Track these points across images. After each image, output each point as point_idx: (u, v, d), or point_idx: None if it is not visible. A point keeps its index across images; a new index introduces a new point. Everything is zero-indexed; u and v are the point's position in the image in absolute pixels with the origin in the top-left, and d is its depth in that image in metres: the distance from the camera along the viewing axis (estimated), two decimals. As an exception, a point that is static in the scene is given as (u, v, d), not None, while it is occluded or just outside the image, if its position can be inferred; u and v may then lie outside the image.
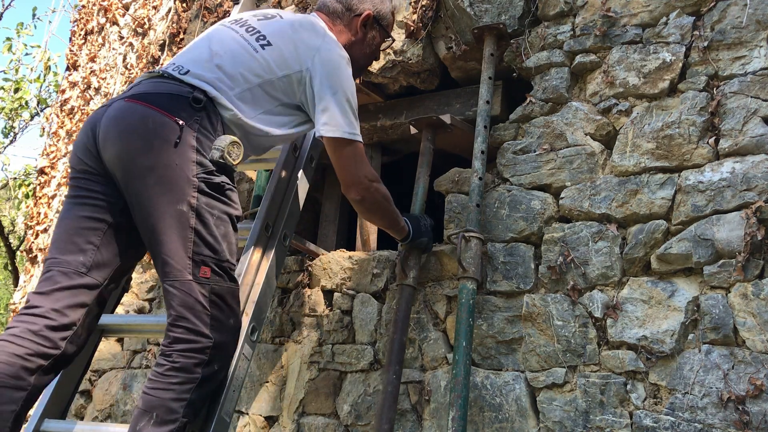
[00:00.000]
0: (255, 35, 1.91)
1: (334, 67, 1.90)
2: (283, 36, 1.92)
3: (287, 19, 2.01)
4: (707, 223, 2.01)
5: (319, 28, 1.99)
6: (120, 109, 1.71)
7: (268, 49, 1.87)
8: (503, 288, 2.32)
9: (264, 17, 2.00)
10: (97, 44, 4.72)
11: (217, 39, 1.91)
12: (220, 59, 1.83)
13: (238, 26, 1.96)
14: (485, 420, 2.22)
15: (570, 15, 2.49)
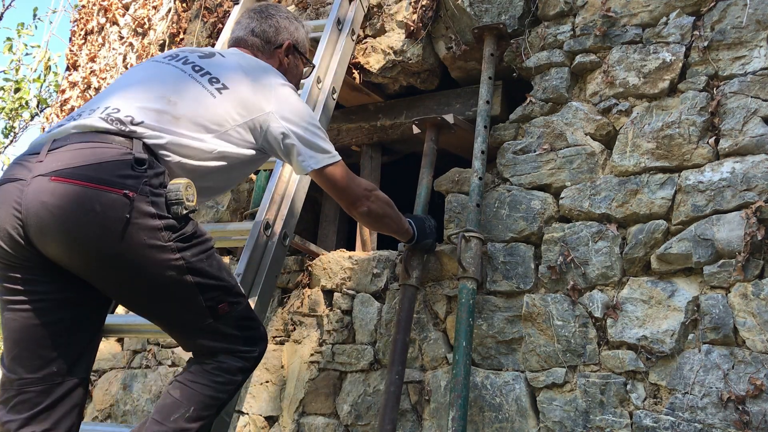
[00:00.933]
0: (206, 76, 1.71)
1: (291, 100, 1.78)
2: (237, 77, 1.73)
3: (231, 57, 1.83)
4: (707, 223, 2.01)
5: (264, 65, 1.86)
6: (51, 194, 1.40)
7: (225, 93, 1.68)
8: (503, 288, 2.32)
9: (204, 55, 1.80)
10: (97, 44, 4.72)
11: (168, 81, 1.68)
12: (176, 108, 1.61)
13: (182, 64, 1.74)
14: (485, 420, 2.22)
15: (570, 15, 2.49)
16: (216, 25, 3.73)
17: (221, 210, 3.39)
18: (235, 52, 1.90)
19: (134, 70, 1.81)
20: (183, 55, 1.78)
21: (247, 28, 1.97)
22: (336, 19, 2.67)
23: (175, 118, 1.60)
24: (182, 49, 1.83)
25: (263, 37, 1.97)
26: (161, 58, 1.79)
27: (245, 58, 1.86)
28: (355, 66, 2.99)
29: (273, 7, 2.04)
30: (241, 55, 1.87)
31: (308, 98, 2.41)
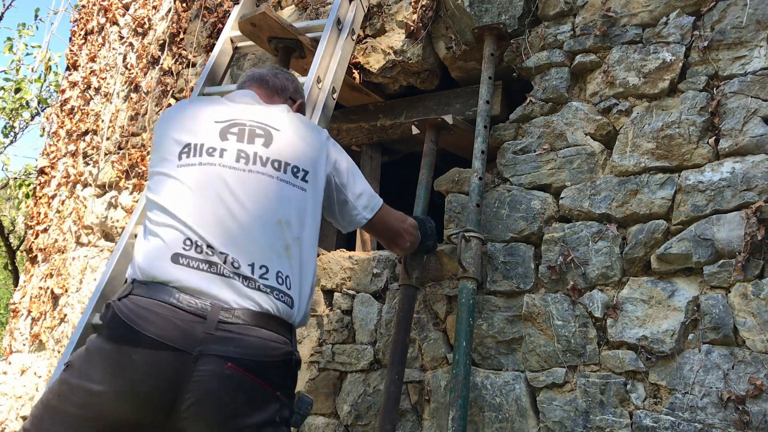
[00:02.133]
0: (292, 171, 1.60)
1: (337, 150, 1.77)
2: (306, 156, 1.65)
3: (283, 125, 1.68)
4: (707, 223, 2.01)
5: (307, 121, 1.78)
6: (225, 380, 1.38)
7: (310, 184, 1.63)
8: (503, 288, 2.32)
9: (262, 132, 1.64)
10: (97, 44, 4.73)
11: (274, 201, 1.55)
12: (297, 249, 1.55)
13: (263, 166, 1.58)
14: (485, 420, 2.22)
15: (570, 15, 2.49)
16: (216, 25, 3.74)
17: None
18: (285, 114, 1.74)
19: (230, 180, 1.55)
20: (256, 153, 1.59)
21: (270, 69, 1.95)
22: (336, 19, 2.67)
23: (302, 269, 1.56)
24: (234, 126, 1.63)
25: (291, 87, 1.95)
26: (234, 162, 1.56)
27: (299, 124, 1.73)
28: (355, 66, 2.99)
29: (282, 70, 2.02)
30: (296, 121, 1.73)
31: (308, 98, 2.41)
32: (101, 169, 4.19)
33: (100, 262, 3.97)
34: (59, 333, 4.05)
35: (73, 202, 4.35)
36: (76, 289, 4.04)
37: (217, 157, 1.57)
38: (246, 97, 1.77)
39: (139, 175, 3.90)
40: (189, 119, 1.66)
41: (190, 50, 3.85)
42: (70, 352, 2.02)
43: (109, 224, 3.97)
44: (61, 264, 4.22)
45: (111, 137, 4.22)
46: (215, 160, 1.56)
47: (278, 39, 2.77)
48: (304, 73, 2.89)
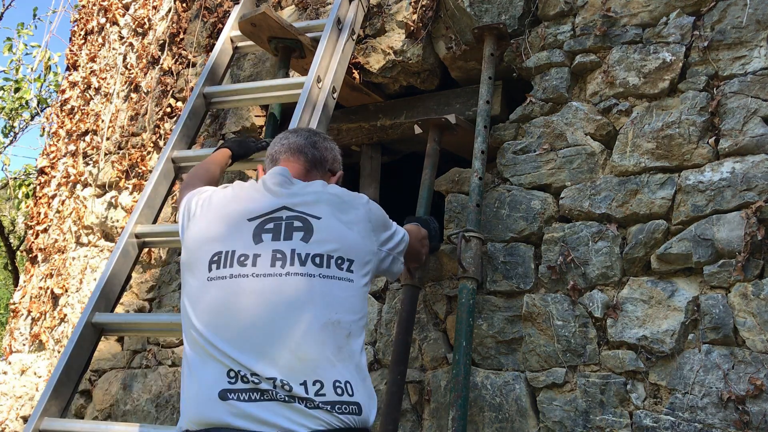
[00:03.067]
0: (336, 263, 1.49)
1: (376, 215, 1.65)
2: (349, 242, 1.53)
3: (323, 211, 1.55)
4: (707, 223, 2.01)
5: (347, 196, 1.63)
6: None
7: (357, 272, 1.52)
8: (503, 288, 2.32)
9: (301, 225, 1.52)
10: (97, 44, 4.72)
11: (326, 300, 1.45)
12: (350, 345, 1.44)
13: (302, 265, 1.46)
14: (485, 420, 2.22)
15: (570, 15, 2.49)
16: (216, 25, 3.74)
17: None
18: (319, 188, 1.63)
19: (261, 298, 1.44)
20: (286, 250, 1.47)
21: (308, 138, 1.77)
22: (336, 18, 2.67)
23: (359, 364, 1.45)
24: (269, 222, 1.52)
25: (325, 156, 1.78)
26: (268, 268, 1.45)
27: (341, 204, 1.59)
28: (355, 66, 2.99)
29: (316, 132, 1.85)
30: (336, 202, 1.59)
31: (308, 98, 2.41)
32: (101, 169, 4.19)
33: (100, 262, 3.97)
34: (59, 333, 4.05)
35: (73, 202, 4.35)
36: (76, 289, 4.04)
37: (249, 267, 1.45)
38: (281, 178, 1.61)
39: (139, 175, 3.90)
40: (219, 220, 1.55)
41: (190, 50, 3.85)
42: (69, 352, 2.02)
43: (109, 224, 3.97)
44: (61, 264, 4.22)
45: (111, 137, 4.22)
46: (247, 270, 1.44)
47: (278, 39, 2.77)
48: (304, 73, 2.90)
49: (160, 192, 2.45)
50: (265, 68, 3.40)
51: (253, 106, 3.41)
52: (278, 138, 1.78)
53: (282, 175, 1.62)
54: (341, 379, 1.37)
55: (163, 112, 3.86)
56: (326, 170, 1.75)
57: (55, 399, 1.96)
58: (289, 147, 1.72)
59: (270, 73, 3.34)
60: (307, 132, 1.79)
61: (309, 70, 2.52)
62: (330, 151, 1.78)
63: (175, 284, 3.40)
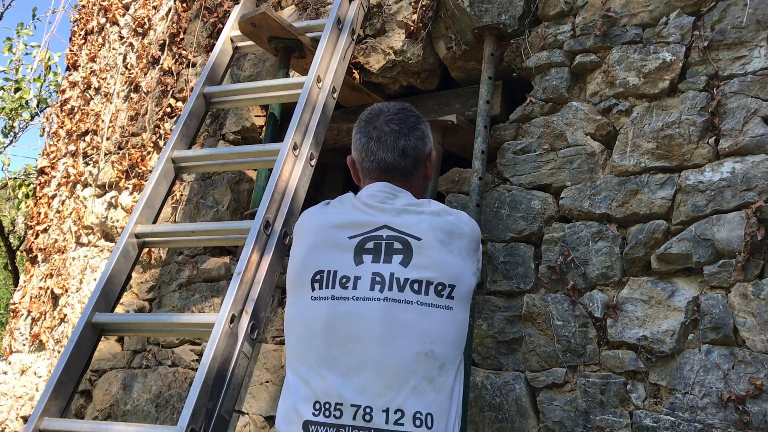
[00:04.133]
0: (435, 290, 1.43)
1: (479, 234, 1.58)
2: (450, 267, 1.46)
3: (424, 231, 1.48)
4: (707, 223, 2.01)
5: (448, 215, 1.54)
6: None
7: (457, 299, 1.45)
8: (503, 288, 2.32)
9: (401, 246, 1.46)
10: (97, 44, 4.72)
11: (422, 329, 1.41)
12: (444, 377, 1.41)
13: (400, 291, 1.42)
14: (485, 420, 2.22)
15: (570, 15, 2.49)
16: (216, 25, 3.74)
17: (221, 210, 3.39)
18: (422, 206, 1.54)
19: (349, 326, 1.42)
20: (385, 274, 1.43)
21: (395, 148, 1.58)
22: (336, 18, 2.67)
23: (452, 398, 1.41)
24: (370, 241, 1.47)
25: (417, 155, 1.62)
26: (368, 291, 1.42)
27: (441, 222, 1.51)
28: (355, 66, 2.99)
29: (410, 110, 1.66)
30: (428, 217, 1.51)
31: (308, 98, 2.41)
32: (101, 169, 4.19)
33: (100, 262, 3.97)
34: (59, 333, 4.05)
35: (73, 202, 4.35)
36: (76, 289, 4.04)
37: (350, 289, 1.43)
38: (382, 195, 1.55)
39: (139, 175, 3.90)
40: (321, 238, 1.51)
41: (190, 50, 3.85)
42: (69, 352, 2.02)
43: (109, 224, 3.97)
44: (61, 264, 4.22)
45: (111, 137, 4.22)
46: (348, 293, 1.43)
47: (278, 39, 2.77)
48: (304, 73, 2.90)
49: (160, 192, 2.45)
50: (265, 68, 3.40)
51: (253, 106, 3.41)
52: (364, 142, 1.61)
53: (382, 192, 1.56)
54: (423, 411, 1.35)
55: (163, 112, 3.86)
56: (421, 162, 1.64)
57: (55, 399, 1.96)
58: (379, 166, 1.59)
59: (270, 73, 3.35)
60: (393, 138, 1.58)
61: (309, 70, 2.52)
62: (417, 145, 1.61)
63: (175, 284, 3.40)
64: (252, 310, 1.96)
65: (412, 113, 1.64)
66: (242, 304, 1.96)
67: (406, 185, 1.60)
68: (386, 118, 1.60)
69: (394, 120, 1.60)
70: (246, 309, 1.96)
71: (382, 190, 1.57)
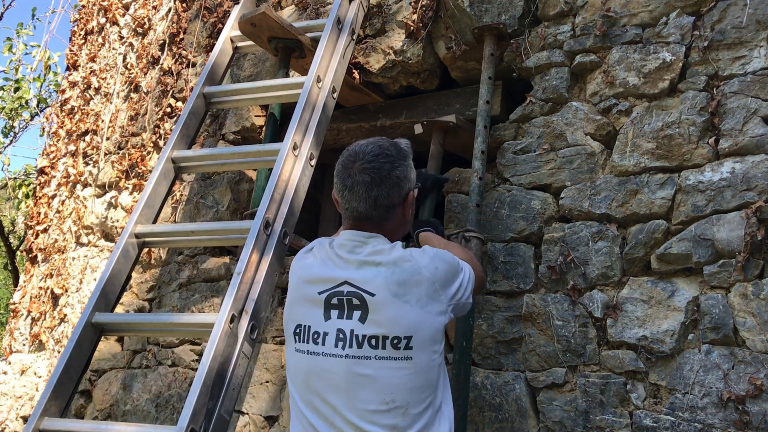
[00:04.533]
0: (391, 344, 1.47)
1: (442, 271, 1.56)
2: (405, 319, 1.48)
3: (377, 286, 1.50)
4: (707, 223, 2.01)
5: (404, 260, 1.54)
6: None
7: (416, 349, 1.48)
8: (503, 288, 2.32)
9: (358, 302, 1.51)
10: (97, 44, 4.72)
11: (381, 384, 1.46)
12: (411, 425, 1.46)
13: (359, 347, 1.48)
14: (485, 420, 2.22)
15: (570, 15, 2.49)
16: (216, 25, 3.74)
17: (221, 210, 3.39)
18: (382, 257, 1.55)
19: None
20: (347, 331, 1.49)
21: (366, 199, 1.57)
22: (336, 18, 2.67)
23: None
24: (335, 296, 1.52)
25: (390, 203, 1.59)
26: (333, 348, 1.49)
27: (390, 270, 1.52)
28: (355, 66, 2.99)
29: (387, 153, 1.61)
30: (384, 270, 1.52)
31: (308, 98, 2.41)
32: (101, 169, 4.19)
33: (100, 262, 3.97)
34: (59, 333, 4.05)
35: (73, 202, 4.35)
36: (76, 289, 4.04)
37: (320, 345, 1.51)
38: (350, 245, 1.58)
39: (139, 175, 3.90)
40: (300, 291, 1.59)
41: (190, 50, 3.85)
42: (69, 352, 2.02)
43: (109, 224, 3.97)
44: (61, 264, 4.22)
45: (111, 137, 4.22)
46: (319, 348, 1.51)
47: (278, 39, 2.77)
48: (304, 73, 2.90)
49: (160, 192, 2.45)
50: (265, 68, 3.40)
51: (253, 106, 3.41)
52: (340, 188, 1.61)
53: (351, 241, 1.59)
54: None
55: (163, 112, 3.86)
56: (396, 207, 1.62)
57: (55, 399, 1.96)
58: (352, 215, 1.61)
59: (270, 73, 3.35)
60: (365, 189, 1.57)
61: (309, 70, 2.52)
62: (390, 193, 1.59)
63: (175, 284, 3.40)
64: (252, 310, 1.96)
65: (388, 158, 1.60)
66: (242, 304, 1.96)
67: (379, 230, 1.61)
68: (360, 166, 1.58)
69: (368, 169, 1.58)
70: (246, 309, 1.96)
71: (351, 239, 1.60)
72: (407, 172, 1.63)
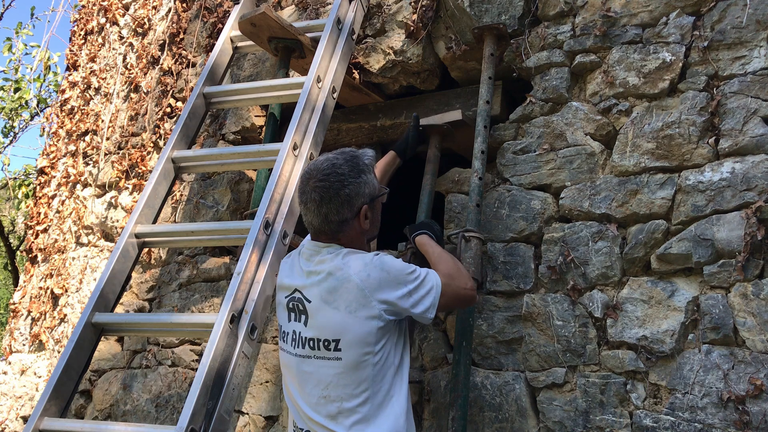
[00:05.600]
0: (324, 345, 1.67)
1: (380, 279, 1.66)
2: (333, 323, 1.66)
3: (312, 294, 1.71)
4: (707, 223, 2.01)
5: (341, 269, 1.68)
6: None
7: (345, 350, 1.65)
8: (503, 288, 2.32)
9: (302, 307, 1.72)
10: (97, 44, 4.72)
11: (319, 378, 1.68)
12: (350, 415, 1.66)
13: (302, 347, 1.71)
14: (485, 420, 2.22)
15: (570, 15, 2.49)
16: (216, 25, 3.73)
17: (221, 210, 3.39)
18: (323, 266, 1.71)
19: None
20: (297, 332, 1.72)
21: (318, 214, 1.71)
22: (336, 18, 2.67)
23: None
24: (292, 301, 1.75)
25: (342, 218, 1.71)
26: (292, 347, 1.74)
27: (333, 279, 1.68)
28: (355, 66, 2.99)
29: (337, 172, 1.71)
30: (319, 278, 1.70)
31: (308, 98, 2.41)
32: (101, 169, 4.19)
33: (100, 262, 3.97)
34: (59, 333, 4.05)
35: (73, 202, 4.35)
36: (76, 289, 4.04)
37: (286, 344, 1.76)
38: (307, 252, 1.77)
39: (139, 175, 3.90)
40: (278, 297, 1.83)
41: (190, 50, 3.85)
42: (69, 352, 2.02)
43: (109, 224, 3.97)
44: (61, 264, 4.22)
45: (111, 137, 4.22)
46: (286, 346, 1.76)
47: (278, 39, 2.77)
48: (304, 73, 2.90)
49: (160, 192, 2.45)
50: (265, 68, 3.40)
51: (253, 106, 3.41)
52: (299, 203, 1.78)
53: (308, 250, 1.77)
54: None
55: (163, 112, 3.86)
56: (350, 221, 1.73)
57: (55, 399, 1.96)
58: (311, 228, 1.78)
59: (270, 73, 3.34)
60: (316, 206, 1.71)
61: (309, 70, 2.53)
62: (341, 210, 1.71)
63: (175, 284, 3.40)
64: (252, 310, 1.96)
65: (338, 177, 1.70)
66: (242, 304, 1.96)
67: (335, 241, 1.76)
68: (313, 184, 1.72)
69: (318, 188, 1.71)
70: (246, 309, 1.96)
71: (309, 248, 1.78)
72: (359, 189, 1.73)
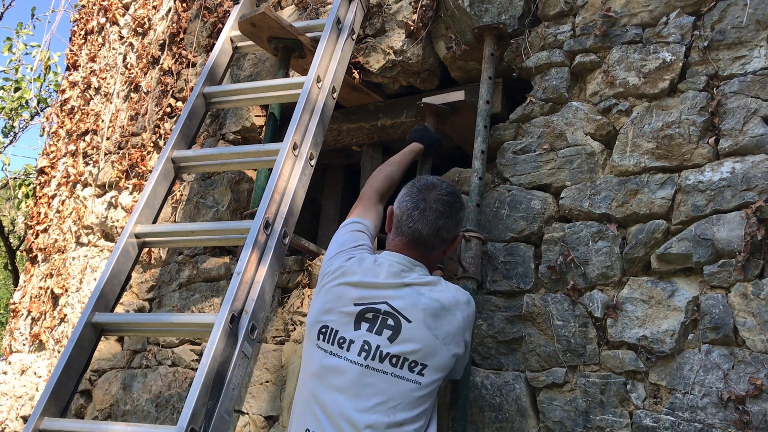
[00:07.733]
0: (409, 366, 1.65)
1: (472, 319, 1.79)
2: (429, 349, 1.67)
3: (415, 315, 1.69)
4: (707, 223, 2.01)
5: (446, 301, 1.73)
6: None
7: (428, 376, 1.67)
8: (503, 288, 2.32)
9: (393, 323, 1.69)
10: (97, 44, 4.72)
11: (390, 396, 1.63)
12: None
13: (380, 362, 1.65)
14: (485, 420, 2.22)
15: (570, 15, 2.49)
16: (216, 25, 3.74)
17: (221, 210, 3.39)
18: (424, 290, 1.73)
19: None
20: (373, 344, 1.66)
21: (433, 225, 1.77)
22: (336, 18, 2.67)
23: None
24: (370, 312, 1.70)
25: (446, 237, 1.81)
26: (356, 356, 1.66)
27: (431, 302, 1.70)
28: (355, 66, 2.99)
29: (457, 195, 1.85)
30: (425, 302, 1.70)
31: (308, 98, 2.41)
32: (101, 169, 4.19)
33: (100, 262, 3.97)
34: (59, 333, 4.05)
35: (73, 202, 4.35)
36: (76, 289, 4.04)
37: (344, 350, 1.67)
38: (398, 268, 1.75)
39: (139, 175, 3.90)
40: (337, 295, 1.74)
41: (190, 50, 3.85)
42: (69, 352, 2.03)
43: (109, 224, 3.97)
44: (61, 264, 4.22)
45: (111, 137, 4.22)
46: (342, 353, 1.67)
47: (278, 39, 2.77)
48: (304, 73, 2.90)
49: (160, 192, 2.46)
50: (265, 68, 3.40)
51: (253, 106, 3.41)
52: (410, 207, 1.79)
53: (399, 264, 1.75)
54: None
55: (163, 112, 3.86)
56: (445, 243, 1.82)
57: (55, 399, 1.96)
58: (413, 236, 1.77)
59: (270, 73, 3.35)
60: (435, 216, 1.77)
61: (309, 70, 2.53)
62: (452, 228, 1.80)
63: (175, 284, 3.41)
64: (252, 310, 1.96)
65: (458, 200, 1.83)
66: (242, 304, 1.96)
67: (424, 259, 1.78)
68: (437, 195, 1.78)
69: (444, 201, 1.78)
70: (246, 309, 1.96)
71: (399, 262, 1.76)
72: (464, 218, 1.85)
